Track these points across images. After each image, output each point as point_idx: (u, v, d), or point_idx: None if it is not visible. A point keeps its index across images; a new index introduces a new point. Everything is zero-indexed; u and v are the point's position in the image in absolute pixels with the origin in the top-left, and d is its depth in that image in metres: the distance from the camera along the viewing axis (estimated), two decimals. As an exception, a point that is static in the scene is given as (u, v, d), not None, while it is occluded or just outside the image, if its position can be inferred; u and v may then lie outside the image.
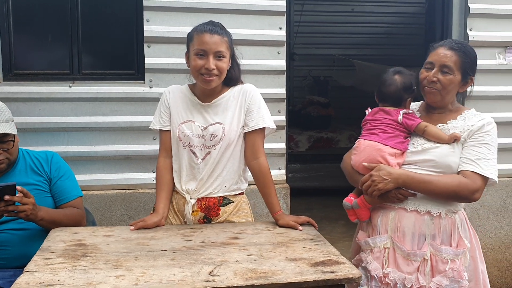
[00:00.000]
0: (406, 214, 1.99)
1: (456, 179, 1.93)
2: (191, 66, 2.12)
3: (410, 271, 1.95)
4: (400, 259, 1.97)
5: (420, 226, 1.97)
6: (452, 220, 1.99)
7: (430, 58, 2.04)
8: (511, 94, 3.60)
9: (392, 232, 2.01)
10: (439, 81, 1.98)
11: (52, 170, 2.30)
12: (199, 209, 2.16)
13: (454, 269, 1.92)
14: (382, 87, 2.11)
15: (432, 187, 1.92)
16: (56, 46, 3.20)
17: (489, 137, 1.98)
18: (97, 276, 1.50)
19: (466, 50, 2.03)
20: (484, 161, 1.94)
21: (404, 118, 2.04)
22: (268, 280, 1.50)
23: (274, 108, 3.20)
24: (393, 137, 2.03)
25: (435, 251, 1.95)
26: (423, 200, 1.97)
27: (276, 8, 3.26)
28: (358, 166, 2.07)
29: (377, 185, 1.94)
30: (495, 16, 3.53)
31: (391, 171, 1.95)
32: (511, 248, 3.69)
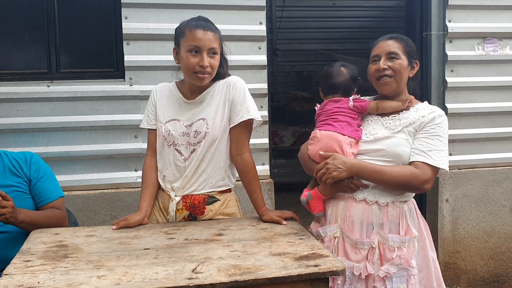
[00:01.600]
0: (355, 204, 2.03)
1: (408, 170, 1.97)
2: (183, 64, 2.08)
3: (358, 259, 1.98)
4: (349, 248, 2.01)
5: (368, 215, 2.01)
6: (400, 209, 2.02)
7: (373, 52, 2.09)
8: (491, 84, 3.65)
9: (342, 222, 2.04)
10: (390, 68, 2.03)
11: (31, 171, 2.25)
12: (184, 207, 2.14)
13: (401, 257, 1.95)
14: (330, 79, 2.15)
15: (385, 177, 1.96)
16: (33, 45, 3.14)
17: (440, 129, 2.02)
18: (78, 277, 1.48)
19: (404, 38, 2.11)
20: (435, 152, 1.98)
21: (354, 103, 2.09)
22: (252, 276, 1.49)
23: (257, 104, 3.12)
24: (347, 125, 2.07)
25: (382, 239, 1.99)
26: (372, 190, 2.01)
27: (256, 3, 3.24)
28: (315, 155, 2.09)
29: (331, 173, 1.97)
30: (473, 7, 3.57)
31: (345, 160, 1.98)
32: (494, 237, 3.74)
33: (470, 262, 3.71)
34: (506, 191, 3.72)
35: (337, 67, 2.17)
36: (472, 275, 3.72)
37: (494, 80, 3.65)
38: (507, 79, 3.66)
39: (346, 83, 2.14)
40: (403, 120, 2.05)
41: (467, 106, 3.60)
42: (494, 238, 3.75)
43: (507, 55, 3.65)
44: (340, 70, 2.15)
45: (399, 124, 2.04)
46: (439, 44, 3.58)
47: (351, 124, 2.07)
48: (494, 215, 3.73)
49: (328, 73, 2.17)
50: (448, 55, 3.55)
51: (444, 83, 3.58)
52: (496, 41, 3.62)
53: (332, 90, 2.16)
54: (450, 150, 3.61)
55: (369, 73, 2.11)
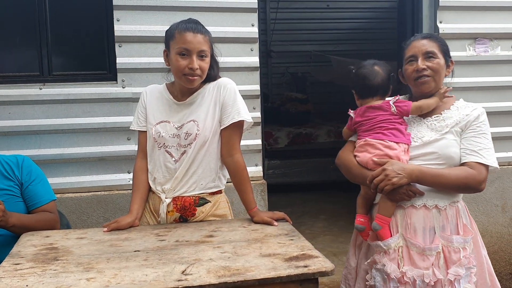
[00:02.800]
0: (415, 211, 1.99)
1: (465, 171, 1.95)
2: (173, 66, 2.08)
3: (426, 266, 1.94)
4: (415, 256, 1.96)
5: (430, 220, 1.98)
6: (456, 209, 2.01)
7: (409, 53, 2.07)
8: (482, 85, 3.66)
9: (403, 230, 2.00)
10: (429, 68, 2.02)
11: (23, 175, 2.25)
12: (175, 209, 2.14)
13: (466, 257, 1.94)
14: (366, 82, 2.07)
15: (444, 180, 1.94)
16: (25, 48, 3.14)
17: (485, 127, 2.03)
18: (67, 280, 1.48)
19: (438, 37, 2.11)
20: (485, 150, 1.98)
21: (397, 108, 2.03)
22: (241, 277, 1.50)
23: (249, 105, 3.19)
24: (398, 132, 2.02)
25: (447, 242, 1.96)
26: (429, 195, 1.98)
27: (248, 5, 3.25)
28: (367, 161, 2.02)
29: (391, 180, 1.91)
30: (464, 8, 3.58)
31: (404, 166, 1.94)
32: (486, 237, 3.75)
33: (463, 261, 3.72)
34: (498, 190, 3.74)
35: (370, 66, 2.09)
36: (465, 274, 3.74)
37: (485, 81, 3.66)
38: (498, 80, 3.68)
39: (384, 83, 2.07)
40: (448, 120, 2.03)
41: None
42: (487, 237, 3.76)
43: (498, 56, 3.67)
44: (375, 70, 2.08)
45: (445, 125, 2.02)
46: (431, 45, 3.59)
47: (401, 130, 2.02)
48: (486, 214, 3.74)
49: (363, 75, 2.08)
50: (450, 53, 3.57)
51: (447, 75, 3.60)
52: (487, 41, 3.64)
53: (370, 93, 2.08)
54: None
55: (406, 74, 2.07)
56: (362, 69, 2.10)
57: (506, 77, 3.70)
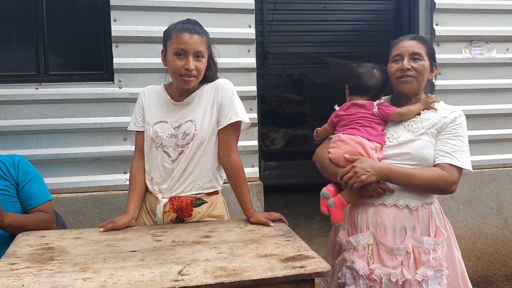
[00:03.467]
0: (386, 209, 2.00)
1: (436, 172, 1.96)
2: (169, 66, 2.09)
3: (394, 266, 1.95)
4: (384, 254, 1.97)
5: (401, 220, 1.99)
6: (429, 211, 2.02)
7: (396, 51, 2.08)
8: (478, 87, 3.69)
9: (374, 228, 2.01)
10: (414, 69, 2.03)
11: (19, 175, 2.24)
12: (171, 209, 2.14)
13: (436, 259, 1.95)
14: (360, 80, 2.11)
15: (414, 180, 1.95)
16: (22, 47, 3.13)
17: (461, 129, 2.03)
18: (63, 280, 1.48)
19: (426, 40, 2.12)
20: (459, 153, 1.98)
21: (379, 110, 2.06)
22: (237, 278, 1.50)
23: (246, 106, 3.17)
24: (372, 130, 2.04)
25: (417, 243, 1.97)
26: (400, 194, 1.99)
27: (245, 6, 3.26)
28: (339, 158, 2.05)
29: (360, 177, 1.93)
30: (460, 11, 3.61)
31: (373, 164, 1.95)
32: (481, 238, 3.78)
33: (458, 263, 3.73)
34: (493, 192, 3.76)
35: (369, 68, 2.13)
36: (460, 276, 3.75)
37: (481, 83, 3.69)
38: (494, 82, 3.71)
39: (377, 87, 2.11)
40: (425, 122, 2.04)
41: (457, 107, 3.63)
42: (482, 239, 3.78)
43: (494, 58, 3.69)
44: (373, 72, 2.12)
45: (421, 126, 2.03)
46: (427, 47, 3.61)
47: (375, 129, 2.05)
48: (481, 216, 3.76)
49: (360, 74, 2.12)
50: (436, 58, 3.58)
51: (432, 85, 3.61)
52: (483, 44, 3.66)
53: (360, 92, 2.12)
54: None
55: (390, 72, 2.09)
56: (362, 68, 2.15)
57: (502, 79, 3.72)
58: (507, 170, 3.78)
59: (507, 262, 3.84)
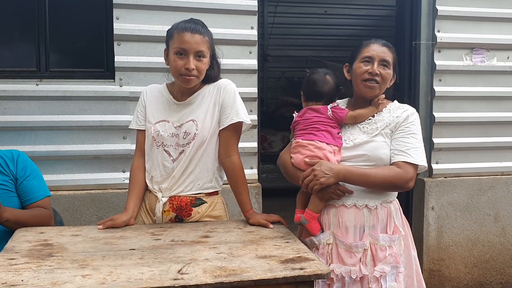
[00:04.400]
0: (346, 209, 2.05)
1: (392, 170, 2.01)
2: (171, 66, 2.09)
3: (353, 263, 2.01)
4: (343, 253, 2.03)
5: (360, 219, 2.04)
6: (388, 210, 2.07)
7: (366, 53, 2.09)
8: (478, 94, 3.70)
9: (335, 228, 2.06)
10: (381, 75, 2.06)
11: (18, 170, 2.23)
12: (171, 208, 2.13)
13: (392, 255, 2.00)
14: (315, 87, 2.16)
15: (371, 179, 1.99)
16: (23, 43, 3.13)
17: (414, 127, 2.07)
18: (62, 276, 1.47)
19: (394, 50, 2.15)
20: (413, 150, 2.03)
21: (333, 113, 2.11)
22: (237, 278, 1.49)
23: (246, 107, 3.15)
24: (328, 134, 2.09)
25: (374, 240, 2.02)
26: (360, 195, 2.04)
27: (248, 8, 3.26)
28: (299, 163, 2.10)
29: (319, 180, 1.98)
30: (462, 18, 3.62)
31: (332, 167, 2.00)
32: (478, 246, 3.78)
33: (454, 269, 3.74)
34: (490, 200, 3.77)
35: (322, 74, 2.18)
36: (456, 282, 3.75)
37: (481, 91, 3.70)
38: (494, 90, 3.72)
39: (331, 92, 2.17)
40: (379, 123, 2.09)
41: (454, 115, 3.65)
42: (479, 246, 3.79)
43: (494, 66, 3.70)
44: (326, 78, 2.17)
45: (375, 128, 2.08)
46: (428, 53, 3.63)
47: (331, 133, 2.10)
48: (478, 223, 3.77)
49: (314, 80, 2.17)
50: (437, 64, 3.60)
51: (432, 92, 3.63)
52: (484, 52, 3.67)
53: (316, 98, 2.17)
54: (436, 159, 3.68)
55: (357, 72, 2.09)
56: (315, 74, 2.19)
57: (502, 87, 3.74)
58: (505, 178, 3.79)
59: (503, 269, 3.85)
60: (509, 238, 3.84)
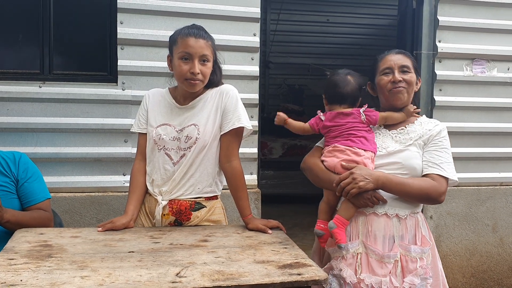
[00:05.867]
0: (376, 218, 2.02)
1: (428, 182, 1.99)
2: (175, 71, 2.11)
3: (384, 274, 1.97)
4: (374, 263, 1.99)
5: (390, 228, 2.01)
6: (416, 220, 2.05)
7: (384, 65, 2.12)
8: (478, 105, 3.71)
9: (364, 237, 2.03)
10: (404, 80, 2.07)
11: (19, 171, 2.24)
12: (170, 212, 2.15)
13: (423, 267, 1.98)
14: (337, 89, 2.11)
15: (408, 189, 1.98)
16: (27, 45, 3.15)
17: (447, 142, 2.09)
18: (61, 277, 1.48)
19: (410, 55, 2.17)
20: (446, 164, 2.03)
21: (366, 117, 2.08)
22: (235, 282, 1.50)
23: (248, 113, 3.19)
24: (365, 140, 2.06)
25: (405, 251, 2.00)
26: (391, 204, 2.02)
27: (251, 15, 3.29)
28: (335, 165, 2.05)
29: (358, 183, 1.94)
30: (463, 29, 3.65)
31: (371, 172, 1.98)
32: (476, 255, 3.78)
33: (452, 279, 3.74)
34: (489, 210, 3.77)
35: (343, 75, 2.14)
36: (453, 292, 3.76)
37: (481, 101, 3.72)
38: (494, 101, 3.74)
39: (354, 93, 2.11)
40: (412, 133, 2.08)
41: (454, 125, 3.66)
42: (476, 256, 3.79)
43: (494, 77, 3.72)
44: (347, 79, 2.12)
45: (409, 138, 2.07)
46: (429, 63, 3.65)
47: (368, 139, 2.07)
48: (477, 233, 3.77)
49: (335, 82, 2.13)
50: (437, 74, 3.62)
51: (432, 101, 3.64)
52: (484, 62, 3.69)
53: (339, 100, 2.12)
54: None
55: (381, 85, 2.11)
56: (336, 76, 2.16)
57: (502, 98, 3.75)
58: (504, 188, 3.80)
59: (501, 280, 3.85)
60: (507, 249, 3.84)
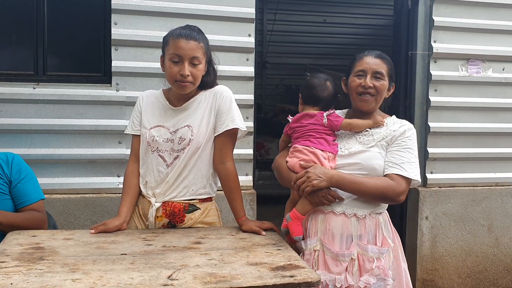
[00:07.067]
0: (334, 217, 2.06)
1: (384, 181, 2.02)
2: (166, 72, 2.10)
3: (339, 271, 2.01)
4: (329, 260, 2.03)
5: (348, 227, 2.04)
6: (376, 221, 2.07)
7: (359, 66, 2.12)
8: (473, 105, 3.72)
9: (322, 235, 2.07)
10: (375, 87, 2.08)
11: (12, 172, 2.23)
12: (164, 214, 2.13)
13: (380, 267, 2.00)
14: (314, 91, 2.17)
15: (363, 187, 2.00)
16: (21, 46, 3.14)
17: (411, 142, 2.09)
18: (52, 280, 1.47)
19: (390, 60, 2.17)
20: (407, 164, 2.04)
21: (328, 121, 2.13)
22: (227, 284, 1.49)
23: (243, 114, 3.14)
24: (324, 141, 2.11)
25: (362, 251, 2.03)
26: (349, 203, 2.05)
27: (245, 15, 3.28)
28: (294, 165, 2.11)
29: (312, 182, 1.99)
30: (458, 29, 3.65)
31: (325, 171, 2.01)
32: (472, 256, 3.79)
33: (447, 280, 3.74)
34: (485, 210, 3.78)
35: (323, 80, 2.20)
36: (449, 293, 3.76)
37: (476, 101, 3.72)
38: (489, 101, 3.75)
39: (329, 98, 2.18)
40: (376, 135, 2.11)
41: (449, 125, 3.66)
42: (472, 257, 3.79)
43: (490, 77, 3.73)
44: (326, 84, 2.18)
45: (372, 139, 2.10)
46: (424, 63, 3.66)
47: (327, 140, 2.12)
48: (472, 234, 3.77)
49: (313, 85, 2.19)
50: (432, 74, 3.62)
51: (428, 102, 3.65)
52: (479, 63, 3.70)
53: (313, 102, 2.19)
54: (431, 169, 3.69)
55: (351, 86, 2.13)
56: (316, 79, 2.22)
57: (497, 98, 3.76)
58: (499, 189, 3.80)
59: (496, 280, 3.85)
60: (502, 249, 3.84)
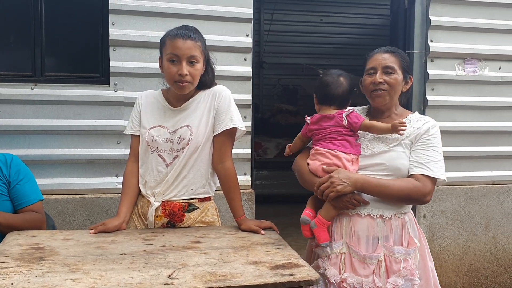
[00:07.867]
0: (360, 219, 2.02)
1: (410, 183, 1.98)
2: (165, 73, 2.11)
3: (366, 274, 1.98)
4: (356, 263, 2.00)
5: (374, 229, 2.01)
6: (402, 221, 2.05)
7: (369, 64, 2.10)
8: (469, 104, 3.73)
9: (347, 237, 2.04)
10: (386, 82, 2.05)
11: (11, 173, 2.23)
12: (163, 214, 2.14)
13: (407, 268, 1.98)
14: (328, 90, 2.11)
15: (388, 190, 1.97)
16: (18, 47, 3.14)
17: (435, 140, 2.05)
18: (53, 280, 1.47)
19: (400, 52, 2.13)
20: (433, 163, 2.01)
21: (348, 121, 2.07)
22: (227, 283, 1.50)
23: (241, 114, 3.18)
24: (347, 143, 2.06)
25: (389, 252, 2.00)
26: (374, 205, 2.02)
27: (243, 15, 3.29)
28: (317, 169, 2.07)
29: (336, 187, 1.95)
30: (454, 28, 3.66)
31: (349, 175, 1.97)
32: (469, 254, 3.80)
33: (445, 278, 3.75)
34: (482, 209, 3.79)
35: (336, 76, 2.12)
36: (447, 291, 3.77)
37: (473, 100, 3.74)
38: (486, 100, 3.76)
39: (344, 95, 2.11)
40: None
41: (446, 124, 3.67)
42: (470, 255, 3.81)
43: (486, 76, 3.74)
44: (340, 81, 2.11)
45: (395, 138, 2.05)
46: (421, 62, 3.67)
47: (349, 141, 2.07)
48: (470, 232, 3.79)
49: (327, 83, 2.12)
50: (429, 73, 3.64)
51: (425, 101, 3.66)
52: (476, 62, 3.71)
53: (330, 101, 2.12)
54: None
55: (364, 85, 2.11)
56: (328, 76, 2.14)
57: (493, 97, 3.78)
58: (496, 187, 3.82)
59: (494, 278, 3.87)
60: (499, 247, 3.86)
